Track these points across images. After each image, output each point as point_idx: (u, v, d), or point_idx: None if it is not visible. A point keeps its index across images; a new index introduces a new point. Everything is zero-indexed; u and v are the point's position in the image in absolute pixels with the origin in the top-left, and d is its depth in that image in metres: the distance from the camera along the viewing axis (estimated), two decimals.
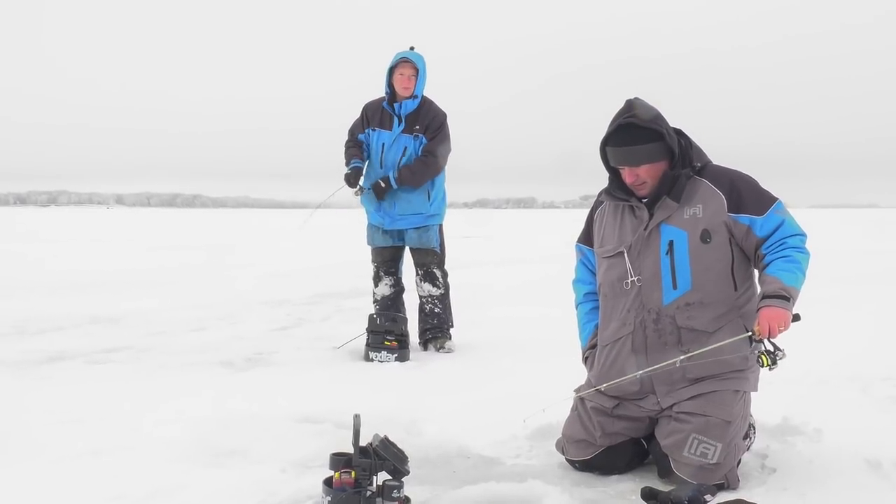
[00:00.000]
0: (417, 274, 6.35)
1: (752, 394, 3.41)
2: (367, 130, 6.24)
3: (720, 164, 3.48)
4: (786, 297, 3.09)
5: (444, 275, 6.37)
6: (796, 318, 3.14)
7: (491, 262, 15.62)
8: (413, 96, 6.09)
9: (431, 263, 6.30)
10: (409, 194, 6.16)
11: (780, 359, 3.07)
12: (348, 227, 18.12)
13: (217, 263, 15.27)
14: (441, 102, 6.24)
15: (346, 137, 6.36)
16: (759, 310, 3.12)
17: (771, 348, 3.07)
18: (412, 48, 6.15)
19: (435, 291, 6.31)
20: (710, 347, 3.21)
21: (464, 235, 24.27)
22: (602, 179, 3.57)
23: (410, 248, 6.34)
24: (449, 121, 6.23)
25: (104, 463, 3.55)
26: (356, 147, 6.25)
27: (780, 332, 3.07)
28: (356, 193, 6.24)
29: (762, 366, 3.06)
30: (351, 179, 6.17)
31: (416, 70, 6.05)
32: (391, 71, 6.09)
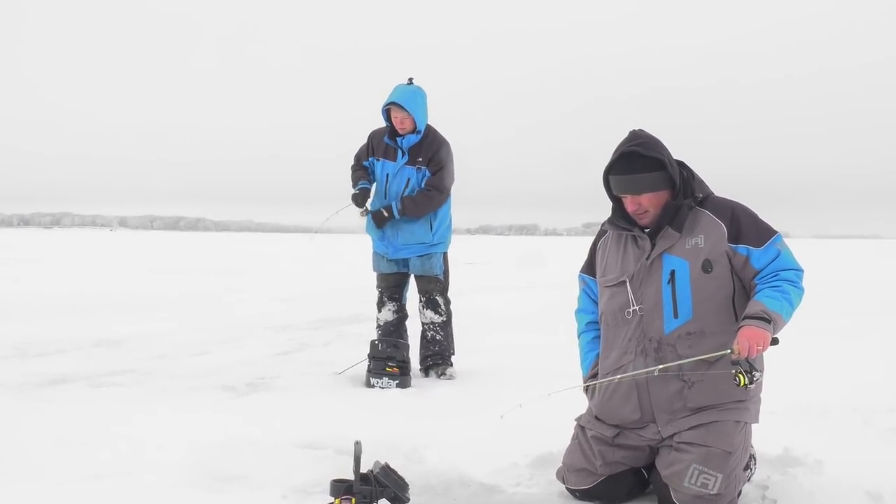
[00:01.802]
0: (420, 301, 6.38)
1: (753, 425, 3.41)
2: (371, 159, 6.29)
3: (722, 195, 3.52)
4: (766, 319, 3.12)
5: (447, 302, 6.38)
6: (775, 341, 3.16)
7: (493, 288, 15.62)
8: (415, 131, 6.12)
9: (434, 291, 6.32)
10: (411, 225, 6.19)
11: (756, 379, 3.09)
12: (352, 252, 18.15)
13: (220, 287, 15.29)
14: (453, 132, 6.27)
15: (352, 162, 6.44)
16: (738, 329, 3.15)
17: (748, 367, 3.08)
18: (410, 80, 6.14)
19: (437, 319, 6.32)
20: (688, 360, 3.24)
21: (467, 262, 24.27)
22: (605, 208, 3.59)
23: (414, 275, 6.36)
24: (453, 148, 6.27)
25: (105, 487, 3.56)
26: (363, 170, 6.32)
27: (759, 351, 3.09)
28: (362, 214, 6.28)
29: (738, 384, 3.06)
30: (359, 199, 6.23)
31: (408, 112, 6.04)
32: (387, 110, 6.12)
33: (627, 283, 3.42)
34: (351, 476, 3.00)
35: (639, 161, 3.34)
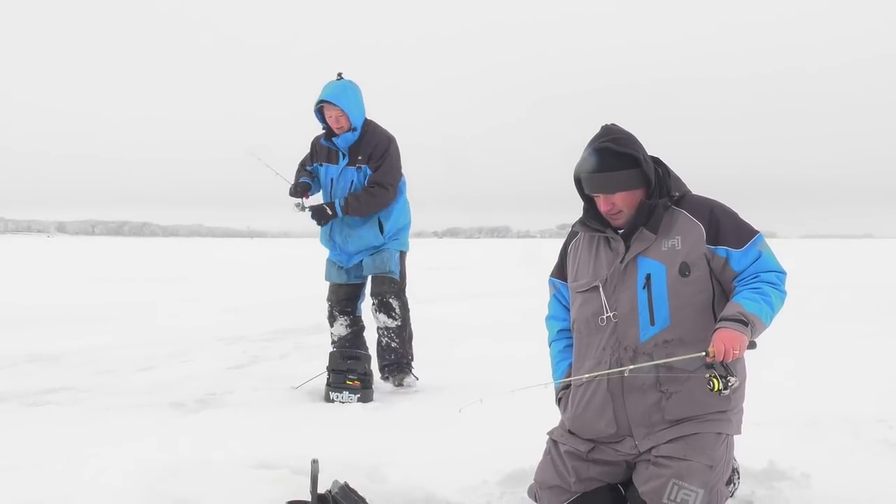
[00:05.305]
0: (373, 304, 6.34)
1: (736, 436, 3.44)
2: (314, 164, 6.32)
3: (701, 193, 3.53)
4: (744, 322, 3.12)
5: (402, 305, 6.34)
6: (752, 345, 3.17)
7: (461, 295, 15.64)
8: (352, 129, 6.12)
9: (387, 292, 6.28)
10: (359, 230, 6.21)
11: (732, 385, 3.07)
12: (309, 259, 18.10)
13: (167, 297, 15.20)
14: (426, 131, 6.27)
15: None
16: (714, 331, 3.15)
17: (724, 372, 3.08)
18: (340, 75, 6.14)
19: (391, 323, 6.29)
20: (659, 362, 3.24)
21: (433, 266, 24.28)
22: (579, 209, 3.59)
23: (369, 278, 6.36)
24: (397, 142, 6.29)
25: None
26: (306, 172, 6.39)
27: (735, 355, 3.08)
28: (297, 207, 6.28)
29: (713, 389, 3.06)
30: (296, 189, 6.26)
31: (341, 109, 6.06)
32: (320, 110, 6.13)
33: (600, 289, 3.43)
34: (308, 497, 3.00)
35: (611, 158, 3.34)
